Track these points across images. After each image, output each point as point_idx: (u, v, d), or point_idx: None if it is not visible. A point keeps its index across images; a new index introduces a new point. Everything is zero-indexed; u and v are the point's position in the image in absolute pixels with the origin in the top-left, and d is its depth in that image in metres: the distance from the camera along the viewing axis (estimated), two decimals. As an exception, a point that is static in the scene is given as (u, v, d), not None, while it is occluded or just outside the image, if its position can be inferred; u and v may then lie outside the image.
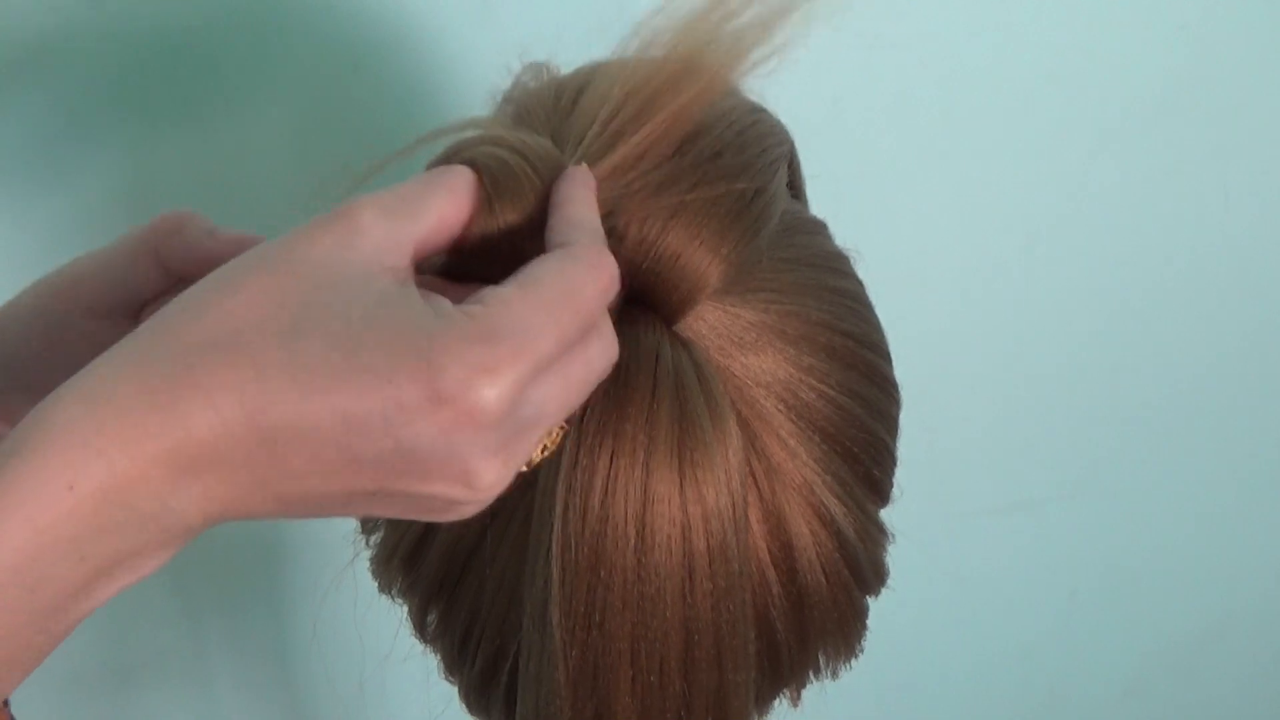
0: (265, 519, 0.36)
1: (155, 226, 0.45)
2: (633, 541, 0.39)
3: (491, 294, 0.35)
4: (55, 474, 0.31)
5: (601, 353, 0.37)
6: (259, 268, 0.35)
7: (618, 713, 0.40)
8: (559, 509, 0.39)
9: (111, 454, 0.32)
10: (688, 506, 0.39)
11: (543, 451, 0.38)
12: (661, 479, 0.39)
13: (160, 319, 0.34)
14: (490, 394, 0.33)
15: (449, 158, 0.40)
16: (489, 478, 0.35)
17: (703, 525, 0.39)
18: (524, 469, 0.37)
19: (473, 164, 0.39)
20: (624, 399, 0.39)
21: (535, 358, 0.34)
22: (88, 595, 0.33)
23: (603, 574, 0.39)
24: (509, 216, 0.39)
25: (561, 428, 0.39)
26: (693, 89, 0.41)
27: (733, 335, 0.42)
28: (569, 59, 0.50)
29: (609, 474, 0.39)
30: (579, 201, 0.39)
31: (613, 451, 0.39)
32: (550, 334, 0.35)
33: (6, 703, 0.34)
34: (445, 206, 0.38)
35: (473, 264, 0.39)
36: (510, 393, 0.34)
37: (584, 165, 0.40)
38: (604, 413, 0.39)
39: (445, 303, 0.35)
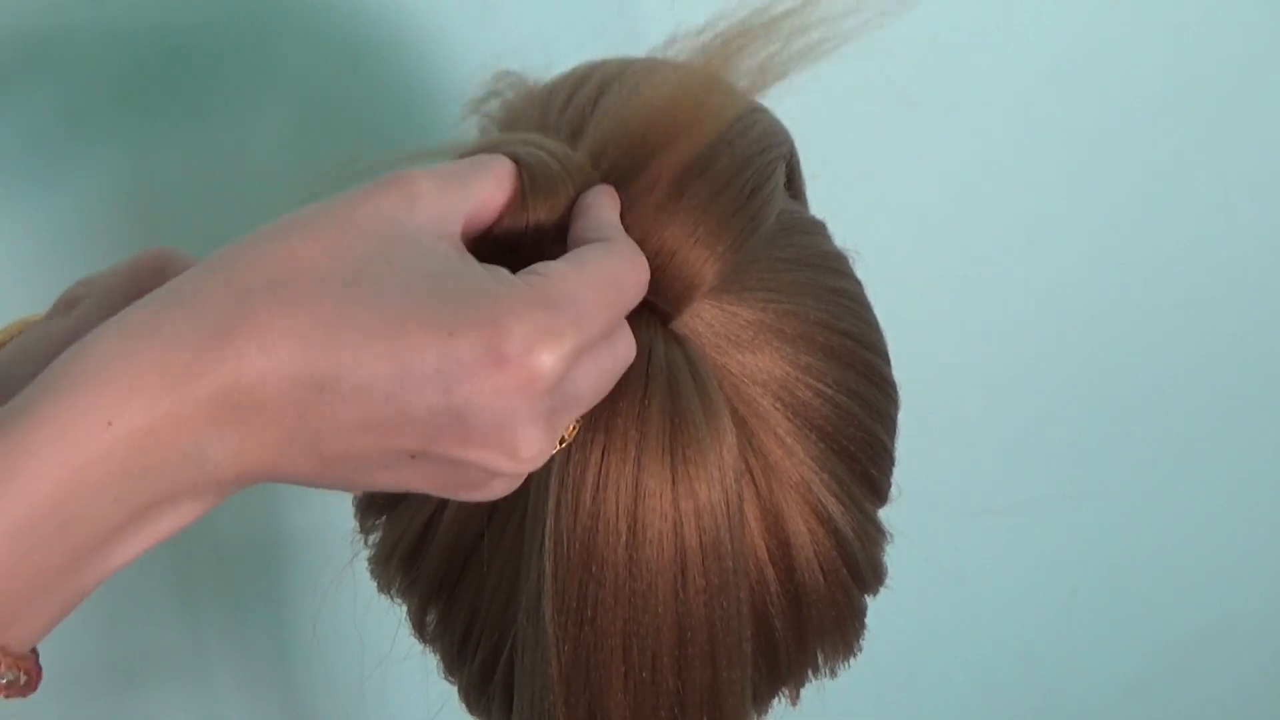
0: (298, 482, 0.35)
1: (137, 267, 0.44)
2: (624, 537, 0.39)
3: (548, 267, 0.36)
4: (94, 410, 0.31)
5: (626, 348, 0.38)
6: (320, 220, 0.34)
7: (611, 709, 0.40)
8: (551, 504, 0.39)
9: (154, 392, 0.31)
10: (679, 502, 0.39)
11: (560, 442, 0.39)
12: (653, 474, 0.39)
13: (213, 260, 0.34)
14: (549, 359, 0.33)
15: (489, 150, 0.40)
16: (532, 449, 0.35)
17: (695, 521, 0.39)
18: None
19: (514, 158, 0.40)
20: (616, 394, 0.39)
21: (588, 333, 0.35)
22: (118, 543, 0.33)
23: (594, 569, 0.39)
24: (539, 214, 0.39)
25: (577, 421, 0.39)
26: (698, 120, 0.42)
27: (730, 334, 0.42)
28: (569, 59, 0.50)
29: (600, 469, 0.39)
30: (607, 207, 0.40)
31: (604, 447, 0.39)
32: (601, 315, 0.36)
33: (35, 650, 0.34)
34: (490, 188, 0.38)
35: (494, 256, 0.39)
36: (566, 361, 0.34)
37: (609, 185, 0.41)
38: (596, 408, 0.39)
39: (504, 270, 0.35)
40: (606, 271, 0.36)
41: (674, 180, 0.41)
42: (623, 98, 0.44)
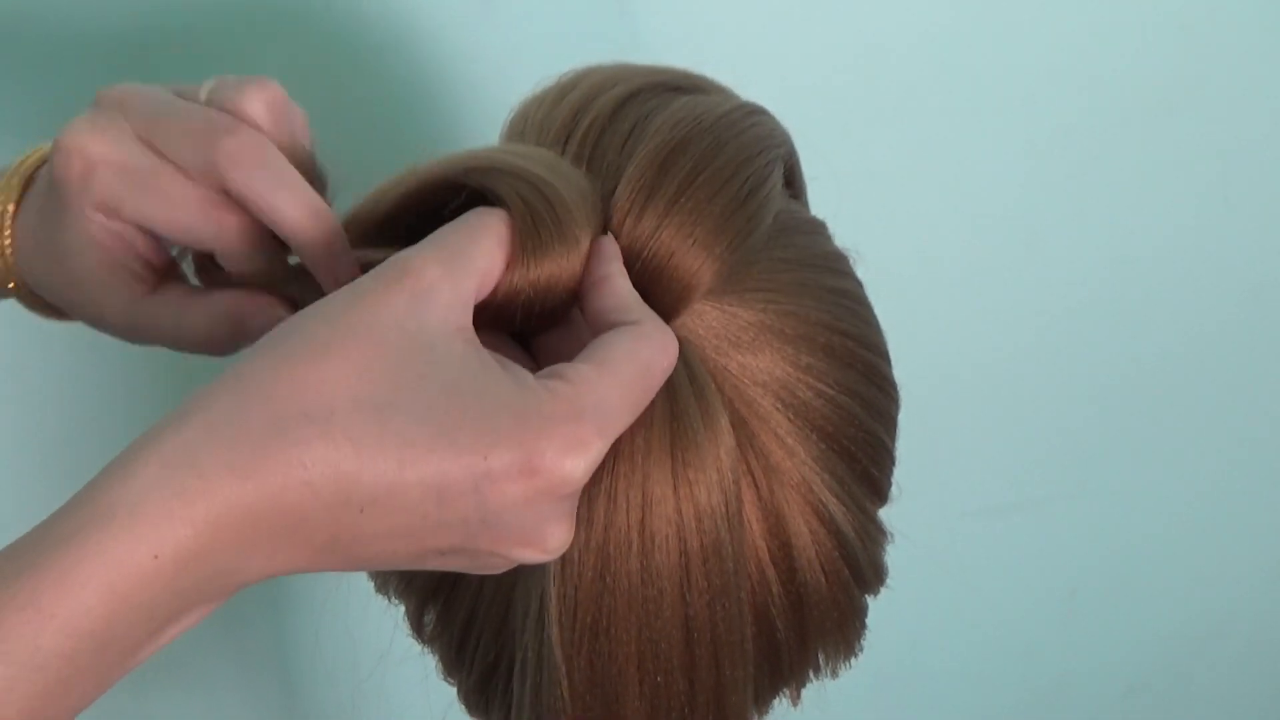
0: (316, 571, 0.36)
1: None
2: (635, 545, 0.39)
3: (573, 371, 0.36)
4: (141, 543, 0.32)
5: None
6: (342, 334, 0.35)
7: (627, 716, 0.40)
8: None
9: (198, 525, 0.32)
10: (681, 506, 0.39)
11: None
12: (658, 481, 0.39)
13: (243, 384, 0.34)
14: (579, 468, 0.35)
15: (488, 170, 0.40)
16: (558, 540, 0.37)
17: (696, 524, 0.39)
18: None
19: (508, 206, 0.39)
20: None
21: (614, 432, 0.36)
22: (145, 650, 0.34)
23: (608, 580, 0.39)
24: (534, 274, 0.39)
25: None
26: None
27: (730, 335, 0.42)
28: (569, 60, 0.50)
29: (612, 480, 0.39)
30: (620, 276, 0.40)
31: (614, 456, 0.39)
32: (627, 412, 0.37)
33: None
34: (495, 258, 0.38)
35: (504, 317, 0.40)
36: (593, 465, 0.36)
37: (610, 237, 0.41)
38: None
39: (524, 373, 0.36)
40: (633, 365, 0.37)
41: (671, 182, 0.41)
42: (613, 104, 0.44)
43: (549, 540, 0.36)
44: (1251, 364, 1.05)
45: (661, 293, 0.41)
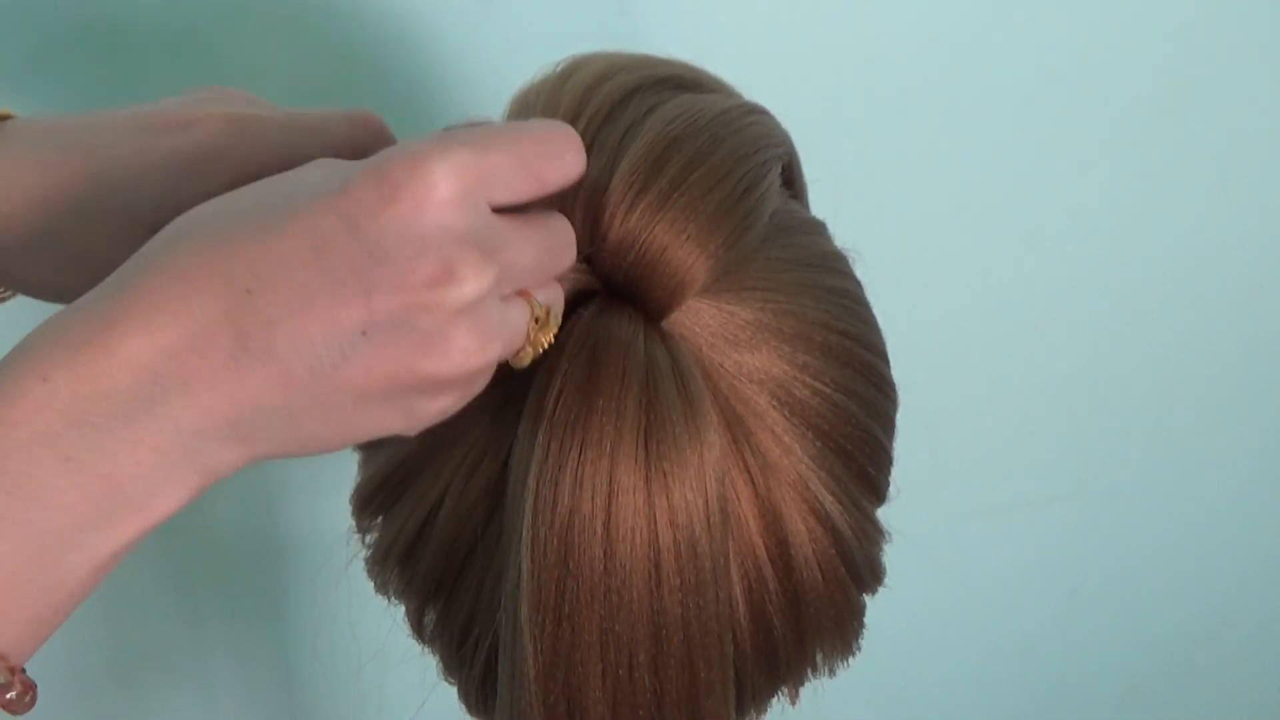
0: (274, 428, 0.35)
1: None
2: (599, 533, 0.39)
3: None
4: (27, 369, 0.33)
5: (562, 223, 0.39)
6: (215, 202, 0.37)
7: (589, 707, 0.40)
8: (529, 501, 0.39)
9: (80, 345, 0.33)
10: (653, 500, 0.39)
11: (540, 348, 0.39)
12: (626, 470, 0.39)
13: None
14: (438, 169, 0.34)
15: None
16: (466, 268, 0.34)
17: (669, 519, 0.39)
18: (519, 362, 0.39)
19: None
20: (593, 390, 0.39)
21: (483, 150, 0.35)
22: (91, 525, 0.34)
23: (571, 565, 0.39)
24: None
25: (553, 321, 0.39)
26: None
27: (727, 333, 0.42)
28: (568, 59, 0.50)
29: (578, 465, 0.39)
30: None
31: (582, 442, 0.39)
32: (501, 145, 0.36)
33: (27, 675, 0.34)
34: None
35: None
36: (460, 173, 0.34)
37: None
38: (575, 404, 0.39)
39: None
40: (509, 127, 0.38)
41: (664, 177, 0.41)
42: (614, 100, 0.44)
43: (457, 266, 0.34)
44: (1251, 364, 1.05)
45: (655, 288, 0.40)
